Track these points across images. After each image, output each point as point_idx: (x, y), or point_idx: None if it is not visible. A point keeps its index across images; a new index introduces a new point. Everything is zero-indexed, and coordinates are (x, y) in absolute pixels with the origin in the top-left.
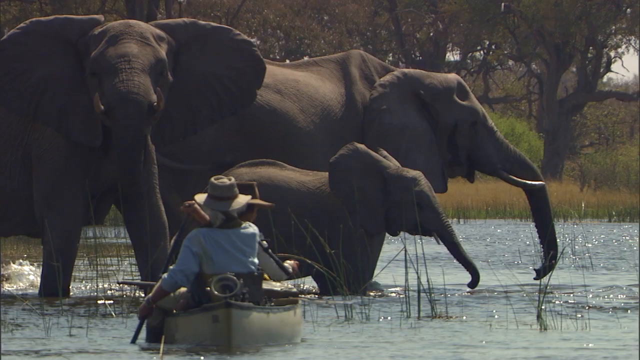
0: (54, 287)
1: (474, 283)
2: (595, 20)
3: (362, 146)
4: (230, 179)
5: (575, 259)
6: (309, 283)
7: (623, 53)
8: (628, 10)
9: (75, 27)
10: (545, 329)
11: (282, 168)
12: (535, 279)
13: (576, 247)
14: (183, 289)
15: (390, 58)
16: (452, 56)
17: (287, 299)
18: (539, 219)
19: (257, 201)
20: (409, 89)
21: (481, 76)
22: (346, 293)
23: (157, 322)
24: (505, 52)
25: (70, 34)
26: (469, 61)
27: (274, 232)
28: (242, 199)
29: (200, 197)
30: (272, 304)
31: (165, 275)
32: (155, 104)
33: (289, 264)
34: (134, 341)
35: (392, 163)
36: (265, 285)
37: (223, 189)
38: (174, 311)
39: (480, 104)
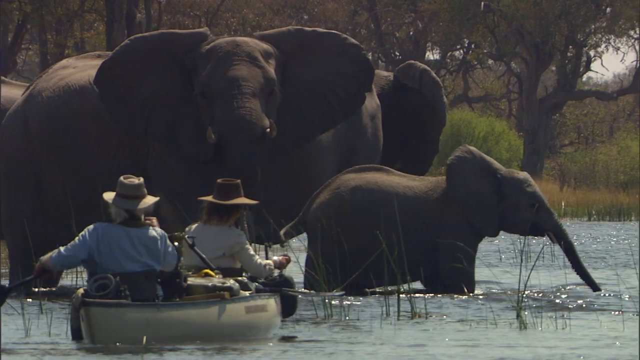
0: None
1: (594, 286)
2: (574, 19)
3: (474, 148)
4: (139, 179)
5: (555, 258)
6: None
7: (602, 52)
8: (608, 9)
9: (180, 42)
10: (525, 328)
11: (389, 173)
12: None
13: (556, 246)
14: None
15: (370, 57)
16: (432, 55)
17: (214, 294)
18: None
19: (244, 200)
20: None
21: (461, 75)
22: (325, 290)
23: (77, 324)
24: (485, 51)
25: (175, 49)
26: (448, 60)
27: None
28: (150, 200)
29: (109, 195)
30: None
31: (57, 251)
32: (267, 130)
33: (274, 259)
34: (10, 289)
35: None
36: (200, 281)
37: (130, 188)
38: None
39: (460, 102)
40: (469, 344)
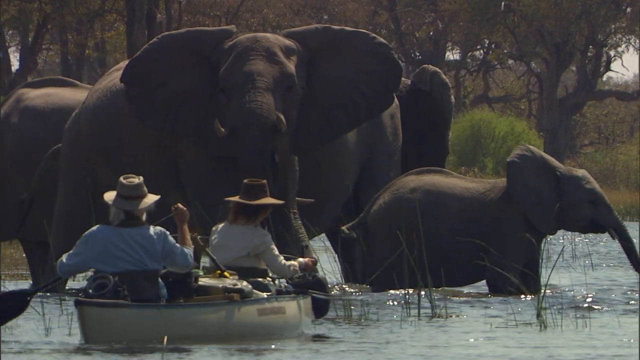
0: None
1: None
2: (595, 19)
3: (534, 147)
4: (139, 178)
5: (576, 257)
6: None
7: (623, 52)
8: (628, 9)
9: (207, 39)
10: (546, 327)
11: (448, 175)
12: None
13: (577, 245)
14: None
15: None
16: (452, 55)
17: (223, 295)
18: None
19: (270, 200)
20: None
21: (481, 75)
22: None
23: None
24: (505, 51)
25: (202, 46)
26: (468, 60)
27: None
28: (150, 198)
29: (109, 196)
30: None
31: (61, 260)
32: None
33: (299, 261)
34: (34, 292)
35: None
36: (211, 282)
37: (130, 189)
38: None
39: (480, 103)
40: (489, 344)
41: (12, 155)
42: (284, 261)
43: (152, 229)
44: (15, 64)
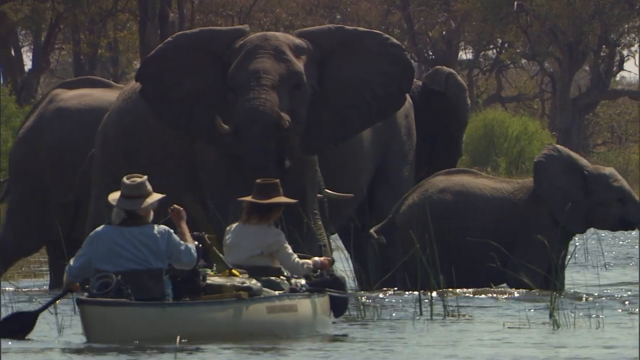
0: None
1: None
2: (608, 18)
3: (561, 146)
4: (142, 177)
5: (588, 257)
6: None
7: (636, 51)
8: None
9: (220, 39)
10: (558, 327)
11: (477, 175)
12: None
13: (589, 245)
14: None
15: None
16: (465, 55)
17: (231, 294)
18: None
19: (283, 199)
20: None
21: (494, 75)
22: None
23: None
24: (518, 50)
25: (216, 46)
26: (481, 60)
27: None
28: (153, 197)
29: (114, 196)
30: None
31: (68, 265)
32: (284, 122)
33: (315, 260)
34: (39, 312)
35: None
36: (219, 281)
37: (132, 188)
38: None
39: (493, 102)
40: (502, 344)
41: (47, 157)
42: (297, 259)
43: (156, 228)
44: (28, 64)
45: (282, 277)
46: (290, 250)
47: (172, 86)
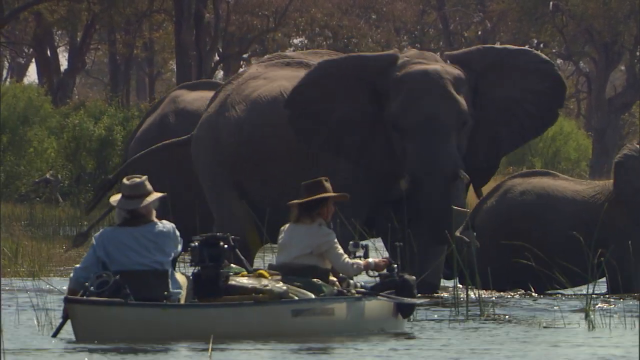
0: None
1: None
2: None
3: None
4: (141, 177)
5: None
6: None
7: None
8: None
9: (370, 66)
10: (594, 328)
11: (555, 177)
12: None
13: None
14: None
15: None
16: None
17: (249, 296)
18: None
19: (330, 194)
20: None
21: None
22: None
23: None
24: (554, 50)
25: (366, 73)
26: None
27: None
28: (153, 196)
29: (115, 198)
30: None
31: (74, 269)
32: (461, 170)
33: (369, 261)
34: (55, 335)
35: None
36: (242, 282)
37: (131, 188)
38: None
39: None
40: (537, 345)
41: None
42: (347, 259)
43: (160, 225)
44: (63, 64)
45: (332, 277)
46: (341, 251)
47: (322, 112)
